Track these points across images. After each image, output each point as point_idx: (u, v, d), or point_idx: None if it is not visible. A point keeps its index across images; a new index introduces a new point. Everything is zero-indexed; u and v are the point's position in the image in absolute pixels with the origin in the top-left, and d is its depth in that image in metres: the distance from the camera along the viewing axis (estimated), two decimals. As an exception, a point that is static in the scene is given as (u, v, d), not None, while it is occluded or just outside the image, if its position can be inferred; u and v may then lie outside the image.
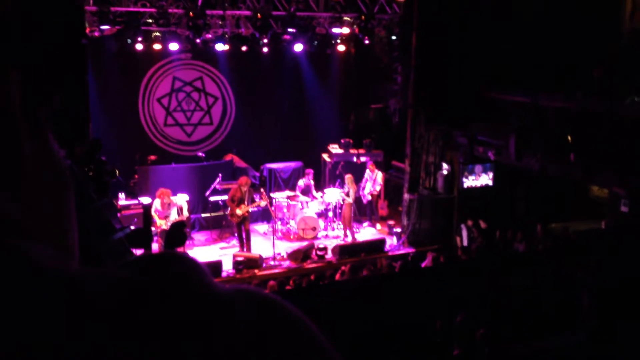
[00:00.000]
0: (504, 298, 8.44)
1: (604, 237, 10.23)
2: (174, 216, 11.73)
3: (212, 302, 0.53)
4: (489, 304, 8.13)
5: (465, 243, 12.29)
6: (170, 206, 11.82)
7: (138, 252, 8.40)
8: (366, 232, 13.78)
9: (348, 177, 13.18)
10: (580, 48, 11.82)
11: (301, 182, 13.88)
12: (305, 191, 13.69)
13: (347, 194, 13.04)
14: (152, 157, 14.08)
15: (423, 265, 10.72)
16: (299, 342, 0.54)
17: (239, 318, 0.52)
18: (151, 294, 0.51)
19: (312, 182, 13.83)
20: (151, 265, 0.55)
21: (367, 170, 13.86)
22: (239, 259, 11.49)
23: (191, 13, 12.50)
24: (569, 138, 10.19)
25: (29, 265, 0.50)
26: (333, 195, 13.71)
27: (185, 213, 12.01)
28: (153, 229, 11.29)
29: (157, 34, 13.46)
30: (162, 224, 11.58)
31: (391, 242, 13.05)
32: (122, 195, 12.42)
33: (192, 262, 0.56)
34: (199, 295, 0.53)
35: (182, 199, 12.26)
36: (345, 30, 13.93)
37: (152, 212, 11.44)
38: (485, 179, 12.80)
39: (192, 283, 0.54)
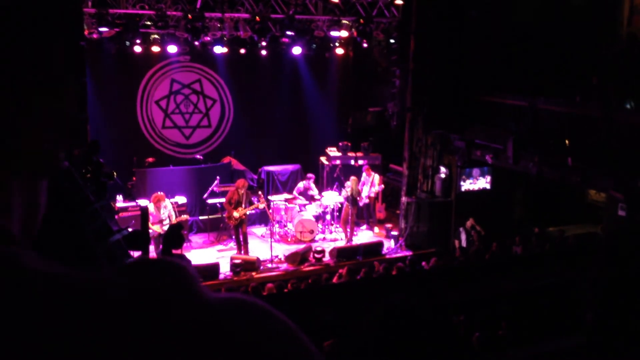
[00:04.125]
0: (501, 301, 8.44)
1: (603, 242, 10.25)
2: (168, 221, 11.69)
3: (203, 309, 0.53)
4: (486, 307, 8.13)
5: (464, 246, 12.29)
6: (165, 209, 11.79)
7: (136, 254, 8.38)
8: (364, 235, 13.78)
9: (353, 179, 13.20)
10: (578, 52, 11.85)
11: (300, 185, 13.90)
12: (304, 194, 13.69)
13: (347, 197, 13.04)
14: (150, 160, 14.07)
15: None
16: (287, 350, 0.55)
17: (228, 326, 0.53)
18: (145, 299, 0.52)
19: (312, 185, 13.83)
20: (147, 271, 0.55)
21: (364, 174, 13.87)
22: (237, 261, 11.48)
23: (190, 15, 12.51)
24: (567, 142, 10.22)
25: (26, 270, 0.50)
26: (331, 198, 13.72)
27: (174, 217, 11.87)
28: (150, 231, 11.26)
29: (156, 36, 13.47)
30: (155, 229, 11.47)
31: (389, 245, 13.05)
32: (119, 197, 12.40)
33: (186, 269, 0.57)
34: (191, 302, 0.54)
35: (170, 204, 12.09)
36: (344, 33, 13.95)
37: None
38: (482, 183, 12.82)
39: (185, 290, 0.54)
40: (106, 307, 0.50)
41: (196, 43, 13.37)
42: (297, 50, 14.60)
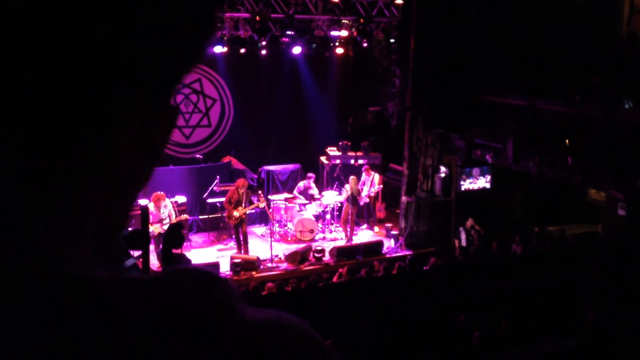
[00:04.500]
0: (501, 301, 8.44)
1: (603, 241, 10.26)
2: (168, 220, 11.67)
3: (239, 325, 0.52)
4: (486, 306, 8.13)
5: (464, 245, 12.30)
6: (165, 208, 11.77)
7: (136, 253, 8.39)
8: (364, 235, 13.78)
9: (352, 179, 13.21)
10: (578, 52, 11.85)
11: (301, 184, 13.91)
12: (304, 193, 13.70)
13: (349, 197, 13.04)
14: (150, 159, 14.03)
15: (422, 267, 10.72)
16: None
17: (262, 344, 0.52)
18: (180, 312, 0.50)
19: (313, 185, 13.84)
20: (184, 282, 0.53)
21: (363, 174, 13.87)
22: (237, 260, 11.48)
23: (190, 15, 12.49)
24: (567, 142, 10.22)
25: (54, 272, 0.49)
26: (331, 197, 13.72)
27: (174, 217, 11.84)
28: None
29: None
30: (155, 229, 11.42)
31: (389, 244, 13.05)
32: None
33: (226, 283, 0.55)
34: (228, 317, 0.52)
35: (170, 203, 12.07)
36: (344, 33, 13.95)
37: None
38: (482, 182, 12.81)
39: (224, 305, 0.53)
40: (136, 317, 0.49)
41: (196, 42, 13.34)
42: (297, 49, 14.60)
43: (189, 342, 0.49)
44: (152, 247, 11.39)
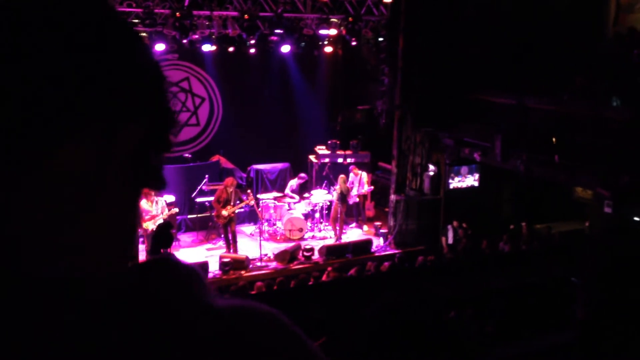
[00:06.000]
0: (490, 298, 8.48)
1: (590, 239, 10.34)
2: (161, 216, 11.57)
3: (207, 313, 0.53)
4: (475, 303, 8.16)
5: (450, 243, 12.35)
6: (157, 204, 11.68)
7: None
8: (353, 233, 13.80)
9: (341, 178, 13.22)
10: (565, 51, 11.93)
11: (293, 182, 13.93)
12: (296, 192, 13.74)
13: (339, 195, 13.04)
14: (138, 158, 13.94)
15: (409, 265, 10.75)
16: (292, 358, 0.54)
17: (235, 333, 0.53)
18: (148, 300, 0.52)
19: (298, 188, 13.87)
20: (154, 273, 0.55)
21: (351, 174, 13.88)
22: (226, 260, 11.45)
23: (178, 13, 12.44)
24: (554, 140, 10.28)
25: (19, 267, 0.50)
26: (320, 196, 13.73)
27: (166, 212, 11.76)
28: (140, 231, 11.15)
29: (143, 34, 13.37)
30: (148, 226, 11.31)
31: (378, 243, 13.08)
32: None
33: (194, 272, 0.56)
34: (194, 305, 0.53)
35: (163, 200, 12.00)
36: (333, 31, 13.94)
37: None
38: (471, 180, 12.87)
39: (188, 293, 0.54)
40: (106, 305, 0.50)
41: (184, 41, 13.28)
42: (285, 48, 14.56)
43: (164, 334, 0.50)
44: (145, 246, 11.34)
